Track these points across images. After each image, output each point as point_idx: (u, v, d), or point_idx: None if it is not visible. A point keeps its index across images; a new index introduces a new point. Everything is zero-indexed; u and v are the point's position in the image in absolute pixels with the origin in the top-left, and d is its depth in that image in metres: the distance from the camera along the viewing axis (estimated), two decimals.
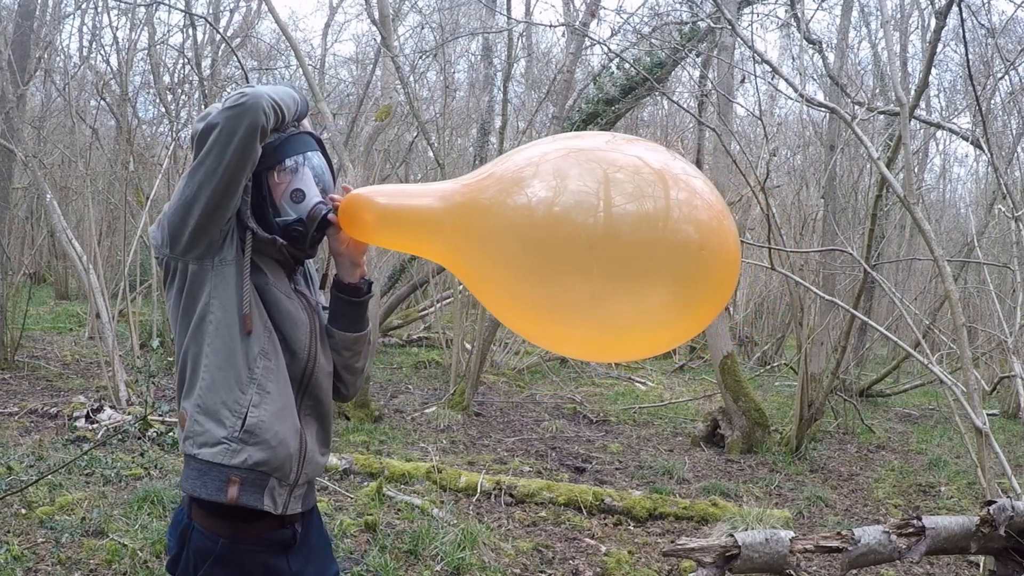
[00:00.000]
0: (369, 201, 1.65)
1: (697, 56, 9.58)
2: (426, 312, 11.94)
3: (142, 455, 4.23)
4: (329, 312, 1.80)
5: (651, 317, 1.56)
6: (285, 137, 1.66)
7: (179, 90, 11.33)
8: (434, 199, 1.63)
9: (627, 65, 9.05)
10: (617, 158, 1.57)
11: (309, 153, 1.69)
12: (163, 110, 10.47)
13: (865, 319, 4.72)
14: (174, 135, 9.11)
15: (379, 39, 8.51)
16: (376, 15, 8.02)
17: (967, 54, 4.39)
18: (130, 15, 9.73)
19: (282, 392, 1.62)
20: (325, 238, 1.73)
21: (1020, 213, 4.14)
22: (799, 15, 5.75)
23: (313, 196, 1.66)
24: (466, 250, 1.61)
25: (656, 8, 11.33)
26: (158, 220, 1.64)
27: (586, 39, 8.18)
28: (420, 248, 1.74)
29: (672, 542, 3.02)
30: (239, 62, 8.44)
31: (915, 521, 2.73)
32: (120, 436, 3.88)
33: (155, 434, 5.15)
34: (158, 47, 10.30)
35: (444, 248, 1.66)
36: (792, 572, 2.68)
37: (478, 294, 1.69)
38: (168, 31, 16.16)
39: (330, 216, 1.66)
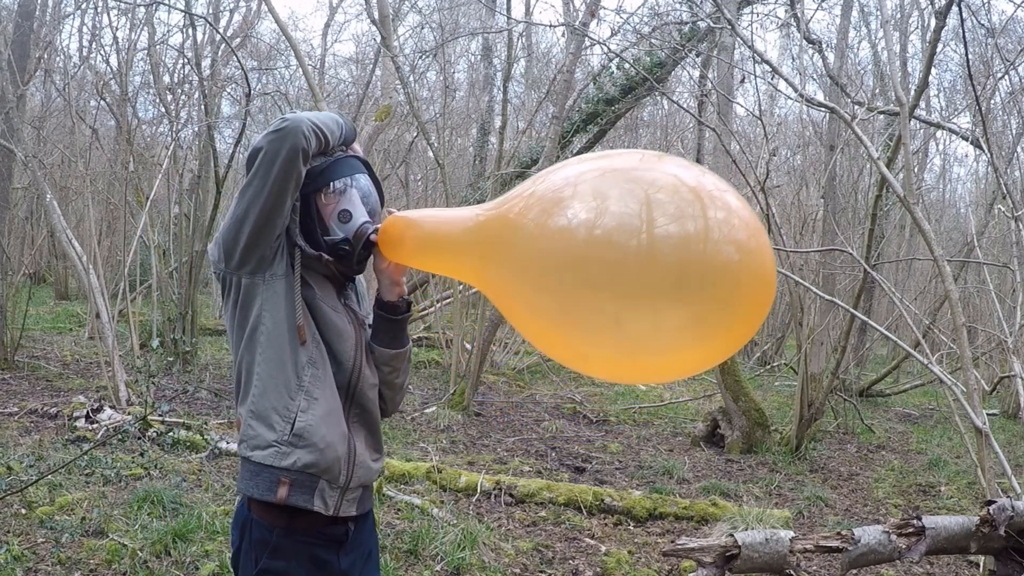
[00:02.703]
0: (404, 228, 1.71)
1: (697, 56, 9.59)
2: (426, 312, 11.93)
3: (142, 455, 4.24)
4: (372, 328, 1.88)
5: (687, 338, 1.55)
6: (332, 160, 1.74)
7: (179, 90, 11.33)
8: (467, 226, 1.67)
9: (627, 65, 9.05)
10: (657, 177, 1.56)
11: (357, 175, 1.77)
12: (163, 110, 10.46)
13: (865, 319, 4.73)
14: (174, 135, 9.11)
15: (379, 39, 8.51)
16: (376, 15, 8.03)
17: (967, 54, 4.40)
18: (130, 15, 9.73)
19: (329, 399, 1.70)
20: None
21: (1020, 213, 4.15)
22: (799, 15, 5.75)
23: (360, 216, 1.74)
24: (498, 270, 1.63)
25: (656, 8, 11.34)
26: (215, 238, 1.74)
27: (586, 39, 8.18)
28: (456, 273, 1.79)
29: (672, 542, 3.02)
30: (239, 62, 8.44)
31: (915, 521, 2.73)
32: (120, 436, 3.88)
33: (155, 434, 5.15)
34: (158, 47, 10.29)
35: (479, 275, 1.69)
36: (792, 572, 2.68)
37: (514, 321, 1.70)
38: (168, 31, 16.17)
39: (373, 236, 1.73)
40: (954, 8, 3.85)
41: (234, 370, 1.74)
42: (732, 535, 2.69)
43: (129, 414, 5.77)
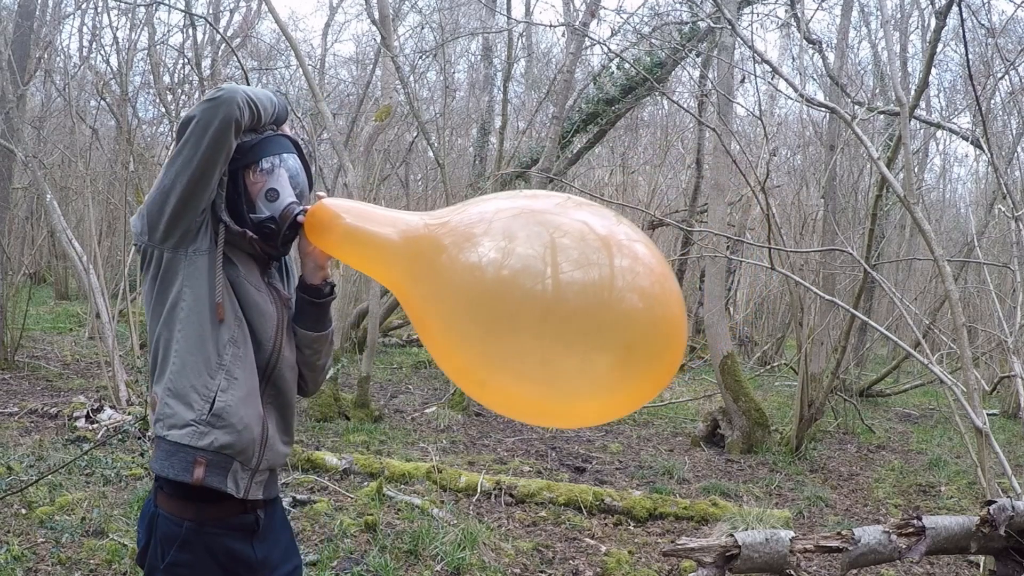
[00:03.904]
0: (334, 215, 1.70)
1: (697, 56, 9.59)
2: None
3: (142, 455, 4.23)
4: (294, 310, 1.85)
5: (597, 384, 1.56)
6: (262, 138, 1.72)
7: (179, 90, 11.33)
8: (397, 233, 1.66)
9: (627, 65, 9.05)
10: (563, 222, 1.58)
11: (285, 155, 1.75)
12: (163, 110, 10.46)
13: (865, 319, 4.72)
14: (174, 135, 9.10)
15: (379, 39, 8.51)
16: (376, 15, 8.03)
17: (967, 54, 4.39)
18: (130, 15, 9.72)
19: (248, 379, 1.68)
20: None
21: (1020, 213, 4.14)
22: (799, 15, 5.75)
23: (287, 196, 1.72)
24: (416, 292, 1.65)
25: (656, 8, 11.35)
26: (139, 209, 1.69)
27: (586, 39, 8.18)
28: (373, 273, 1.79)
29: (672, 542, 3.02)
30: (239, 62, 8.44)
31: (915, 521, 2.73)
32: (120, 436, 3.88)
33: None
34: (158, 47, 10.29)
35: (395, 282, 1.70)
36: (792, 572, 2.68)
37: (421, 334, 1.71)
38: (168, 31, 16.17)
39: (300, 218, 1.72)
40: (954, 8, 3.84)
41: (150, 347, 1.70)
42: (732, 535, 2.69)
43: (129, 414, 5.77)
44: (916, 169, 10.12)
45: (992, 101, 8.42)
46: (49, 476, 4.08)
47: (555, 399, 1.60)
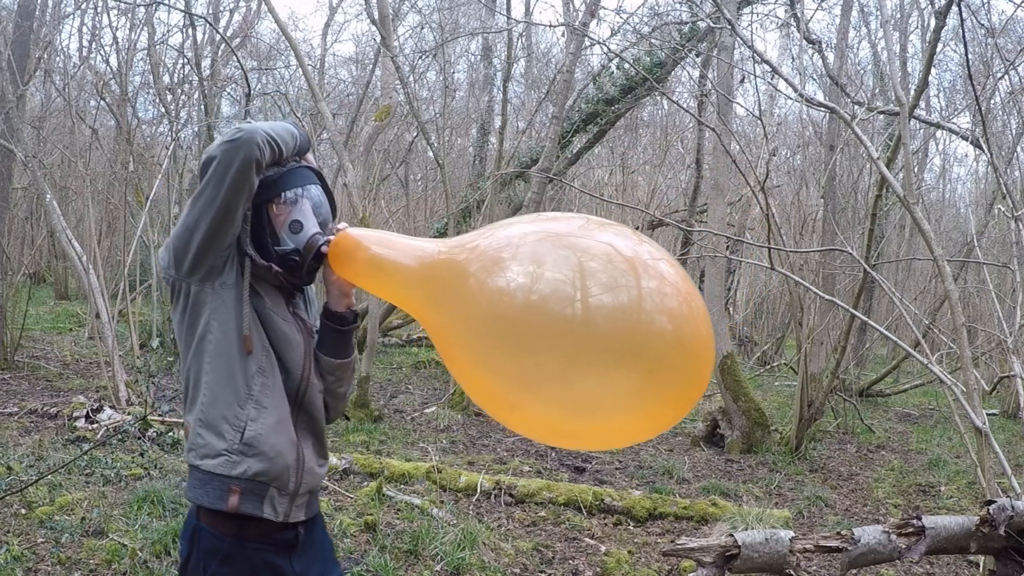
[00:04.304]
0: (357, 245, 1.72)
1: (697, 56, 9.59)
2: None
3: (142, 455, 4.24)
4: (317, 337, 1.88)
5: (628, 405, 1.57)
6: (285, 170, 1.74)
7: (179, 90, 11.32)
8: (420, 261, 1.68)
9: (627, 65, 9.05)
10: (590, 245, 1.60)
11: (309, 186, 1.76)
12: (163, 110, 10.46)
13: (865, 319, 4.72)
14: (174, 135, 9.10)
15: (379, 39, 8.51)
16: (376, 15, 8.03)
17: (967, 54, 4.40)
18: (130, 15, 9.73)
19: (278, 407, 1.71)
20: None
21: (1020, 213, 4.15)
22: (799, 15, 5.75)
23: (311, 227, 1.73)
24: (441, 319, 1.66)
25: (656, 8, 11.35)
26: (166, 243, 1.73)
27: (586, 39, 8.19)
28: (398, 301, 1.80)
29: (672, 542, 3.02)
30: (239, 62, 8.44)
31: (915, 521, 2.74)
32: (120, 436, 3.89)
33: (155, 434, 5.15)
34: (158, 47, 10.29)
35: (420, 309, 1.71)
36: (792, 572, 2.68)
37: (446, 360, 1.72)
38: (168, 31, 16.16)
39: (324, 248, 1.73)
40: (954, 8, 3.84)
41: (182, 377, 1.74)
42: (732, 535, 2.69)
43: (129, 414, 5.77)
44: (916, 169, 10.12)
45: (992, 101, 8.43)
46: (49, 476, 4.08)
47: (585, 422, 1.60)
